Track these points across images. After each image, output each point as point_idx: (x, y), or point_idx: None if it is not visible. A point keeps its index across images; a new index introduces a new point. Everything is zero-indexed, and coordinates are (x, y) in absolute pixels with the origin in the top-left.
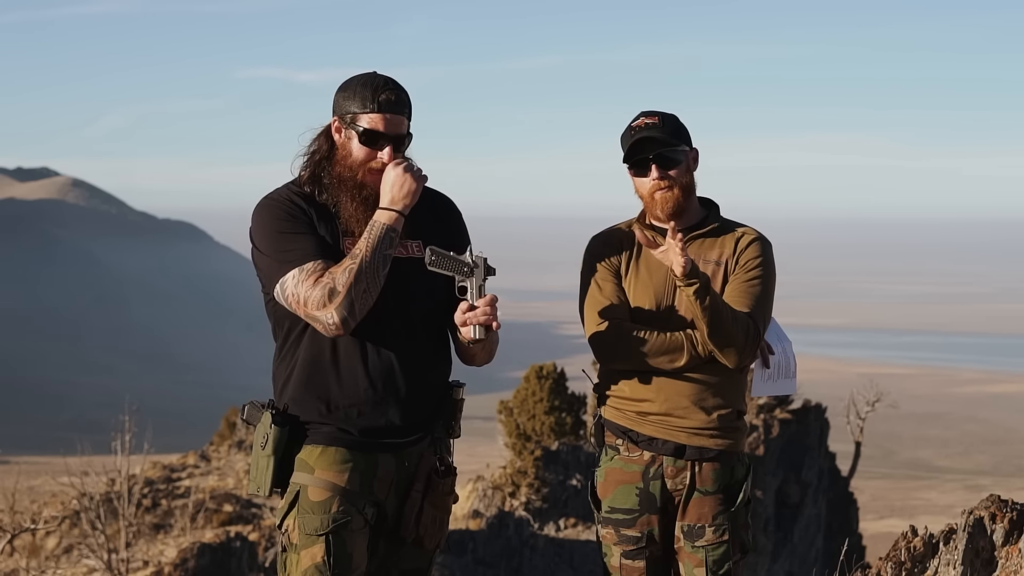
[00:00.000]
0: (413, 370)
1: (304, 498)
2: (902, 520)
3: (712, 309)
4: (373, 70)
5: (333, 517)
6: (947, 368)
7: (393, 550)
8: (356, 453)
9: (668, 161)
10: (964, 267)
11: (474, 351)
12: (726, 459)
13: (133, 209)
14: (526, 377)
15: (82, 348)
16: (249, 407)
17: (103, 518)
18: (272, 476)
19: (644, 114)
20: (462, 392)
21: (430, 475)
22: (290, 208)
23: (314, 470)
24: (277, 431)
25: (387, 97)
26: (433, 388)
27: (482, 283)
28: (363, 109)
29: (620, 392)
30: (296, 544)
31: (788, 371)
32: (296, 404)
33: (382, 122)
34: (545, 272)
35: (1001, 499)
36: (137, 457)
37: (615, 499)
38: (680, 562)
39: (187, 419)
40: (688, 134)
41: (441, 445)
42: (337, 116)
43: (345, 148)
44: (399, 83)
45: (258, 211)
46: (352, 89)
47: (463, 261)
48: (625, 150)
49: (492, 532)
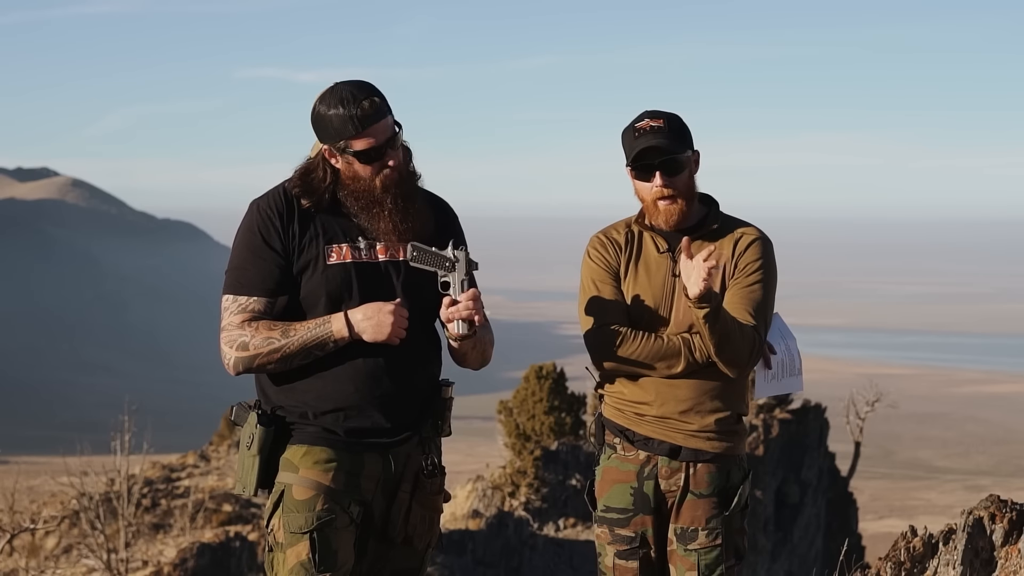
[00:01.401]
0: (400, 371)
1: (289, 497)
2: (902, 520)
3: (721, 332)
4: (333, 83)
5: (317, 515)
6: (947, 368)
7: (383, 550)
8: (341, 452)
9: (672, 168)
10: (964, 267)
11: (464, 351)
12: (722, 462)
13: (133, 209)
14: (526, 377)
15: (81, 348)
16: (237, 408)
17: (102, 518)
18: (257, 476)
19: (648, 115)
20: (451, 391)
21: (417, 475)
22: (268, 221)
23: (299, 469)
24: (262, 431)
25: (365, 111)
26: (421, 389)
27: (464, 278)
28: (348, 134)
29: (619, 392)
30: (282, 543)
31: (793, 369)
32: (282, 405)
33: (373, 136)
34: (545, 272)
35: (1000, 499)
36: (136, 457)
37: (610, 498)
38: (672, 565)
39: (187, 419)
40: (691, 135)
41: (430, 444)
42: (327, 146)
43: (350, 171)
44: (366, 84)
45: (246, 215)
46: (327, 114)
47: (444, 256)
48: (628, 153)
49: (492, 532)
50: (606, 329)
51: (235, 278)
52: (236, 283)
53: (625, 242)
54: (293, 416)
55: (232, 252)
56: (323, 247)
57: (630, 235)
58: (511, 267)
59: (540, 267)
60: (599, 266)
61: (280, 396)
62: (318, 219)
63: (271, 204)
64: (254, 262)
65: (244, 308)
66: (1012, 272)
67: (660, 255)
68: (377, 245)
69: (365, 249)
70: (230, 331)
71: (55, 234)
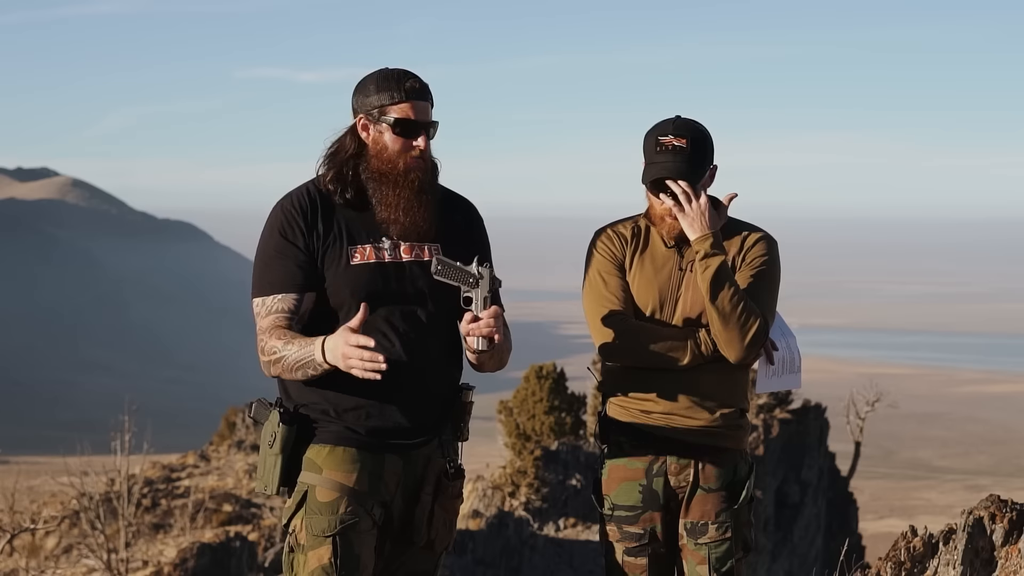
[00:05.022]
0: (421, 373)
1: (312, 498)
2: (902, 520)
3: (728, 295)
4: (385, 66)
5: (341, 518)
6: (947, 368)
7: (399, 552)
8: (364, 453)
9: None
10: (964, 267)
11: (483, 360)
12: (729, 457)
13: (133, 209)
14: (526, 377)
15: (81, 348)
16: (257, 405)
17: (103, 518)
18: (280, 475)
19: (675, 130)
20: (471, 395)
21: (440, 478)
22: (292, 220)
23: (322, 470)
24: (285, 429)
25: (412, 85)
26: (441, 391)
27: (487, 295)
28: (391, 101)
29: (624, 390)
30: (303, 545)
31: (793, 366)
32: (304, 403)
33: (412, 110)
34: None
35: (1001, 499)
36: (137, 457)
37: (618, 496)
38: (683, 559)
39: (187, 419)
40: (712, 150)
41: (449, 448)
42: (363, 114)
43: (378, 143)
44: (416, 74)
45: (269, 216)
46: (373, 85)
47: (468, 272)
48: (645, 164)
49: (492, 532)
50: (612, 321)
51: (260, 280)
52: (261, 285)
53: (632, 235)
54: (315, 414)
55: (256, 255)
56: (347, 247)
57: (637, 229)
58: (511, 267)
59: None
60: (605, 258)
61: (302, 394)
62: (343, 219)
63: (295, 203)
64: (278, 260)
65: (270, 309)
66: (1012, 272)
67: (668, 249)
68: (402, 245)
69: (389, 249)
70: (260, 336)
71: (55, 234)
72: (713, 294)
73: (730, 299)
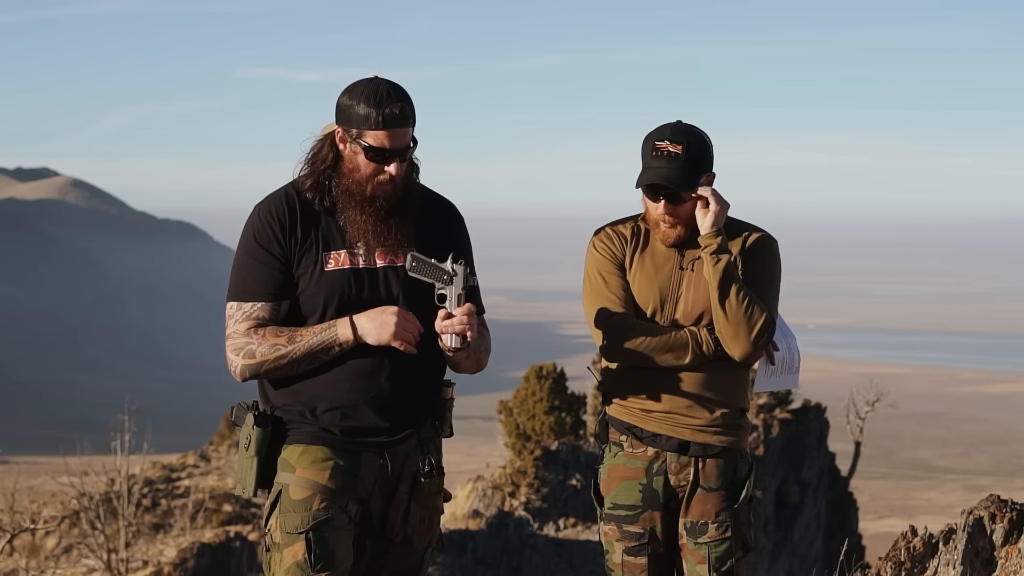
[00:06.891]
0: (399, 373)
1: (286, 497)
2: (902, 520)
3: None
4: (375, 76)
5: (314, 515)
6: (947, 368)
7: (381, 550)
8: (338, 451)
9: (677, 198)
10: (964, 267)
11: (458, 359)
12: (729, 456)
13: (133, 209)
14: (526, 377)
15: (81, 348)
16: (236, 408)
17: (103, 518)
18: (256, 477)
19: (672, 136)
20: (451, 391)
21: (415, 475)
22: (268, 228)
23: (296, 469)
24: (259, 432)
25: (391, 112)
26: (419, 391)
27: (461, 292)
28: (368, 126)
29: (624, 389)
30: (279, 543)
31: (792, 366)
32: (280, 405)
33: (388, 138)
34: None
35: (1001, 499)
36: (137, 457)
37: (618, 495)
38: (683, 559)
39: (187, 419)
40: (711, 158)
41: (429, 445)
42: (342, 128)
43: (352, 161)
44: (403, 90)
45: (248, 219)
46: (356, 101)
47: (443, 269)
48: (641, 168)
49: (492, 532)
50: (613, 320)
51: (238, 285)
52: (239, 290)
53: (631, 235)
54: (291, 415)
55: (235, 256)
56: (321, 253)
57: (636, 229)
58: (511, 267)
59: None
60: (605, 257)
61: (279, 396)
62: (319, 225)
63: (271, 210)
64: (257, 268)
65: (249, 315)
66: (1012, 272)
67: (668, 248)
68: (377, 251)
69: (364, 255)
70: (236, 339)
71: (55, 234)
72: (722, 287)
73: (737, 293)
